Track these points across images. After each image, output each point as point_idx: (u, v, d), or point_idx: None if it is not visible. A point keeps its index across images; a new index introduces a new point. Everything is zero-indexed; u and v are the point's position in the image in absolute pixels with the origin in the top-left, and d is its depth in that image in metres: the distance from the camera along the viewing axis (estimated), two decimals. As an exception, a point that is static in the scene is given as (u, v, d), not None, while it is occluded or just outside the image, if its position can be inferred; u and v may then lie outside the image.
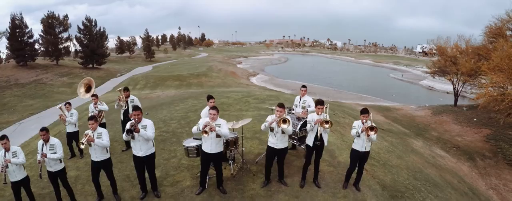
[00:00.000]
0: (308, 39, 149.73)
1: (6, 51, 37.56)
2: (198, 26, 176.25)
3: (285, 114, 4.70)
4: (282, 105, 4.71)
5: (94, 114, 6.21)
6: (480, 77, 12.38)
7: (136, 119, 4.38)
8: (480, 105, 11.94)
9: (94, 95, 6.64)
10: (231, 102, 11.37)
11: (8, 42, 32.72)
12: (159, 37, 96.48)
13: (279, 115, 4.63)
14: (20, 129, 14.20)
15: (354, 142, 4.93)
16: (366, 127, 4.61)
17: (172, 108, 10.84)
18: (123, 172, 5.83)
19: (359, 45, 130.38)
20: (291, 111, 6.45)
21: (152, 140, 4.62)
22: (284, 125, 4.54)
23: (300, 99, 6.40)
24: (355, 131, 4.76)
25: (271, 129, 4.80)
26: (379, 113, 18.08)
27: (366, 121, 4.69)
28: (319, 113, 4.83)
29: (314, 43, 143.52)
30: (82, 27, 38.99)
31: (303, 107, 6.20)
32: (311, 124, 4.83)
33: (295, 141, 6.12)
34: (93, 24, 40.09)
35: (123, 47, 60.10)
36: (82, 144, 4.25)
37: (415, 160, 8.52)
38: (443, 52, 17.83)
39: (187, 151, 5.07)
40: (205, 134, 4.37)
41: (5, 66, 36.00)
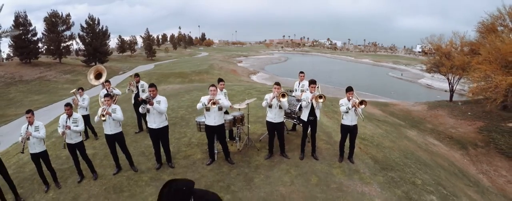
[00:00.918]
0: (308, 39, 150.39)
1: (8, 50, 37.88)
2: (199, 26, 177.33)
3: (282, 90, 5.29)
4: (278, 83, 5.38)
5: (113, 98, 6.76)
6: (472, 72, 12.93)
7: (151, 95, 4.94)
8: (470, 91, 12.50)
9: (107, 81, 7.18)
10: (234, 94, 11.93)
11: (12, 39, 33.13)
12: (160, 37, 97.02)
13: (277, 91, 5.21)
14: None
15: (343, 118, 5.49)
16: (356, 102, 5.17)
17: (178, 99, 11.38)
18: (138, 149, 6.37)
19: (359, 45, 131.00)
20: (291, 94, 7.04)
21: (165, 114, 5.18)
22: (284, 99, 5.14)
23: (299, 83, 7.05)
24: (345, 108, 5.31)
25: (270, 106, 5.38)
26: (376, 108, 18.60)
27: (351, 98, 5.26)
28: (312, 91, 5.44)
29: (314, 43, 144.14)
30: (85, 26, 39.51)
31: (302, 90, 6.77)
32: (306, 101, 5.41)
33: (295, 121, 6.68)
34: (96, 22, 40.61)
35: (124, 46, 60.66)
36: (103, 116, 4.81)
37: (408, 144, 9.08)
38: (438, 48, 18.40)
39: (199, 125, 5.63)
40: (208, 111, 5.00)
41: (9, 63, 36.48)
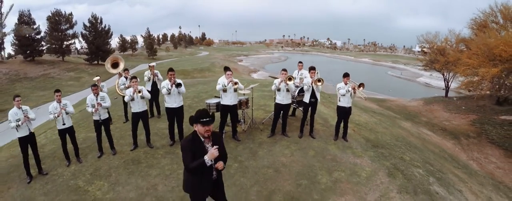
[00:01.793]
0: (308, 38, 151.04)
1: (11, 48, 38.31)
2: (199, 26, 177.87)
3: (287, 77, 5.90)
4: (285, 69, 6.04)
5: (128, 85, 7.36)
6: (460, 66, 13.54)
7: (171, 78, 5.57)
8: (461, 84, 13.13)
9: (126, 69, 7.77)
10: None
11: (14, 38, 33.58)
12: (160, 36, 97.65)
13: (284, 75, 5.84)
14: (40, 112, 15.29)
15: (340, 100, 6.07)
16: (354, 85, 5.78)
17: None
18: (152, 131, 6.89)
19: (358, 45, 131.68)
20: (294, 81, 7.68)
21: (183, 94, 5.82)
22: (290, 82, 5.78)
23: (298, 72, 7.67)
24: (344, 90, 5.91)
25: (278, 89, 6.00)
26: (373, 103, 19.21)
27: (348, 82, 5.87)
28: (312, 76, 6.06)
29: (314, 43, 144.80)
30: (88, 24, 40.08)
31: (301, 78, 7.40)
32: (307, 85, 6.04)
33: (294, 104, 7.29)
34: (98, 21, 41.18)
35: (126, 45, 61.26)
36: (138, 92, 5.46)
37: (400, 131, 9.66)
38: (433, 45, 18.99)
39: (209, 107, 6.22)
40: (225, 92, 5.62)
41: (12, 61, 37.03)
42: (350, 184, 4.53)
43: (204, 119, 2.72)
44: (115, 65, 8.22)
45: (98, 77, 7.59)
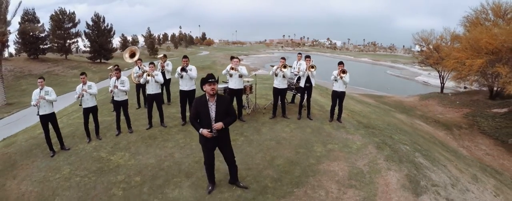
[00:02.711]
0: (308, 38, 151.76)
1: (14, 46, 38.78)
2: (199, 26, 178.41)
3: (282, 65, 6.56)
4: (284, 58, 6.71)
5: (140, 73, 7.96)
6: (449, 59, 14.17)
7: (184, 64, 6.22)
8: (453, 77, 13.78)
9: (140, 59, 8.40)
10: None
11: (19, 36, 34.07)
12: (160, 36, 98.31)
13: (282, 63, 6.47)
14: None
15: (334, 85, 6.72)
16: (339, 71, 6.44)
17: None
18: (164, 115, 7.55)
19: (358, 45, 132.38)
20: (291, 69, 8.29)
21: (194, 79, 6.40)
22: (285, 69, 6.42)
23: (297, 62, 8.26)
24: (333, 77, 6.59)
25: (276, 74, 6.62)
26: (370, 99, 19.81)
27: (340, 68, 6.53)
28: (307, 64, 6.76)
29: (314, 43, 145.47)
30: (91, 23, 40.67)
31: (299, 68, 8.04)
32: (303, 71, 6.75)
33: (293, 91, 7.91)
34: (101, 20, 41.77)
35: (127, 44, 61.91)
36: (152, 75, 6.10)
37: (393, 120, 10.25)
38: (428, 42, 19.61)
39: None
40: (231, 77, 6.24)
41: (17, 58, 37.64)
42: (342, 153, 5.13)
43: (211, 80, 3.63)
44: (132, 55, 8.91)
45: (111, 67, 8.24)
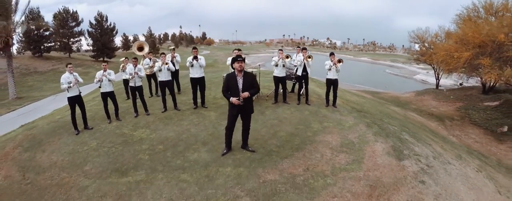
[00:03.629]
0: (308, 38, 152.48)
1: (17, 45, 39.32)
2: (199, 25, 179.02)
3: (284, 55, 7.37)
4: (281, 49, 7.59)
5: (153, 64, 8.64)
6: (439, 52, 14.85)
7: (194, 54, 6.90)
8: (445, 71, 14.48)
9: (150, 52, 9.09)
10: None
11: (23, 34, 34.61)
12: (161, 36, 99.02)
13: (281, 55, 7.32)
14: (59, 98, 16.65)
15: (327, 74, 7.41)
16: (335, 61, 7.12)
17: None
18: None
19: (358, 45, 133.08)
20: (291, 60, 9.02)
21: (204, 67, 7.12)
22: (287, 59, 7.19)
23: (296, 55, 8.98)
24: (328, 66, 7.28)
25: (276, 65, 7.35)
26: (367, 94, 20.53)
27: (333, 60, 7.21)
28: (304, 55, 7.49)
29: (314, 42, 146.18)
30: (94, 22, 41.33)
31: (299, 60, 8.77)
32: (300, 61, 7.47)
33: (293, 80, 8.61)
34: (104, 19, 42.43)
35: (129, 43, 62.57)
36: (167, 63, 6.77)
37: (386, 110, 10.95)
38: (423, 40, 20.32)
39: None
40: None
41: (22, 56, 38.32)
42: (336, 129, 5.83)
43: (239, 59, 4.58)
44: (140, 49, 9.59)
45: (123, 58, 8.97)
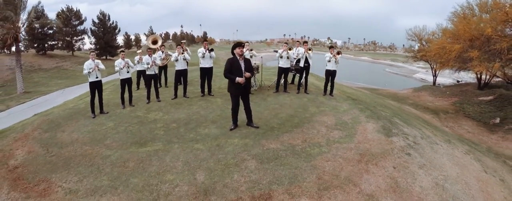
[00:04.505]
0: (308, 37, 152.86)
1: (22, 43, 39.79)
2: (200, 25, 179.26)
3: (288, 47, 7.95)
4: (287, 43, 8.11)
5: (165, 56, 9.17)
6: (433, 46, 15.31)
7: (206, 46, 7.50)
8: (439, 66, 15.01)
9: (163, 45, 9.64)
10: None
11: (27, 33, 35.02)
12: (162, 35, 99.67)
13: (285, 47, 7.89)
14: (67, 91, 17.24)
15: (327, 65, 7.93)
16: (334, 53, 7.67)
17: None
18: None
19: (359, 44, 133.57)
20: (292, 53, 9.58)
21: (214, 58, 7.72)
22: (290, 51, 7.82)
23: (296, 48, 9.54)
24: (328, 57, 7.82)
25: (281, 56, 7.93)
26: (366, 91, 21.07)
27: (333, 52, 7.77)
28: (305, 48, 8.06)
29: (315, 42, 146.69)
30: (96, 21, 41.88)
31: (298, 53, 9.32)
32: (301, 54, 8.04)
33: (293, 72, 9.15)
34: (107, 18, 42.97)
35: (130, 42, 63.19)
36: (181, 53, 7.34)
37: (382, 101, 11.48)
38: (420, 38, 20.85)
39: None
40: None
41: (26, 54, 38.90)
42: (332, 112, 6.37)
43: (240, 44, 5.14)
44: (154, 43, 10.19)
45: (140, 50, 9.57)
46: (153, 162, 4.31)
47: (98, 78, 6.98)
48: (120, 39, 59.56)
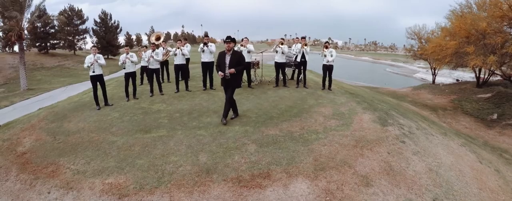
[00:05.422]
0: (309, 38, 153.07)
1: (24, 42, 39.97)
2: (201, 25, 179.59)
3: (280, 41, 8.19)
4: (282, 38, 8.31)
5: (165, 52, 9.37)
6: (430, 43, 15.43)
7: (206, 41, 7.65)
8: (436, 62, 15.16)
9: (164, 41, 9.84)
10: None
11: (29, 31, 35.20)
12: (163, 35, 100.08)
13: (280, 42, 8.11)
14: (70, 88, 17.46)
15: (323, 60, 8.13)
16: (323, 47, 7.91)
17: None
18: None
19: (359, 44, 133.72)
20: (290, 49, 9.76)
21: (214, 53, 7.88)
22: (282, 46, 8.06)
23: (295, 45, 9.74)
24: (321, 54, 8.04)
25: (276, 51, 8.14)
26: (365, 89, 21.24)
27: (326, 49, 8.00)
28: (302, 42, 8.28)
29: (316, 42, 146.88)
30: (98, 20, 42.15)
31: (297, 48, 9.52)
32: (298, 49, 8.26)
33: (293, 67, 9.35)
34: (108, 17, 43.22)
35: (132, 42, 63.53)
36: (180, 48, 7.52)
37: (380, 97, 11.64)
38: (420, 37, 21.01)
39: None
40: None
41: (28, 53, 39.16)
42: (329, 104, 6.56)
43: (227, 40, 5.35)
44: (158, 39, 10.39)
45: (142, 47, 9.78)
46: (157, 146, 4.51)
47: (94, 73, 7.08)
48: (121, 39, 60.12)
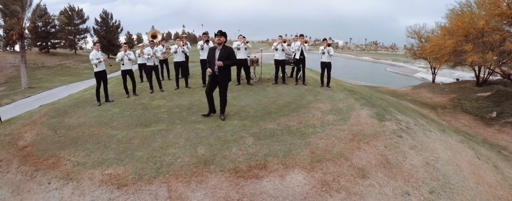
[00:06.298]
0: (310, 38, 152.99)
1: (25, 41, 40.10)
2: (202, 25, 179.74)
3: (282, 40, 8.25)
4: (281, 36, 8.42)
5: (166, 50, 9.42)
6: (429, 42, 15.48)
7: (205, 39, 7.72)
8: (434, 63, 15.19)
9: (163, 39, 9.91)
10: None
11: (30, 31, 35.27)
12: (164, 34, 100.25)
13: (280, 40, 8.14)
14: (70, 87, 17.54)
15: (321, 58, 8.18)
16: (326, 44, 7.94)
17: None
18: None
19: (360, 44, 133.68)
20: (290, 47, 9.81)
21: None
22: (284, 44, 8.09)
23: (294, 42, 9.80)
24: (321, 51, 8.09)
25: (276, 49, 8.20)
26: (365, 88, 21.27)
27: (325, 47, 8.02)
28: (301, 40, 8.31)
29: (316, 42, 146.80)
30: (99, 20, 42.24)
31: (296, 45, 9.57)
32: (298, 46, 8.28)
33: (292, 65, 9.40)
34: (109, 17, 43.30)
35: (133, 41, 63.66)
36: (181, 46, 7.57)
37: (379, 95, 11.69)
38: (420, 36, 21.04)
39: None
40: (238, 50, 7.81)
41: (29, 52, 39.28)
42: (328, 100, 6.61)
43: (218, 33, 5.19)
44: (154, 37, 10.45)
45: (141, 44, 9.83)
46: (157, 139, 4.57)
47: (101, 69, 7.18)
48: (122, 39, 60.26)
